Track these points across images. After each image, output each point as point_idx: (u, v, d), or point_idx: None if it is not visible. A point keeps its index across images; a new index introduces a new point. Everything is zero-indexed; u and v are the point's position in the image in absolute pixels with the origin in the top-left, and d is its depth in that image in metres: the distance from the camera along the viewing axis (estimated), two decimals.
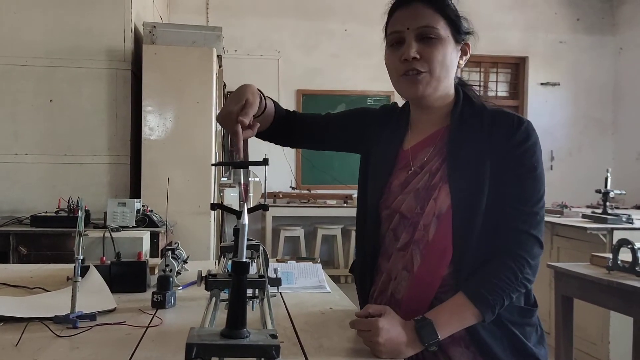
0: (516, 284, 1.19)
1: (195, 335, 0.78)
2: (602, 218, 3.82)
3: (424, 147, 1.35)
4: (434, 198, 1.27)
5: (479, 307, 1.17)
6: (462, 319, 1.18)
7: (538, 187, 1.25)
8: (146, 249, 2.01)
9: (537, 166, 1.26)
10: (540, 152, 1.27)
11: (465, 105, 1.34)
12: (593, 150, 7.25)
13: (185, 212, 3.81)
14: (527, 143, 1.25)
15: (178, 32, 4.03)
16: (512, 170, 1.24)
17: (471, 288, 1.19)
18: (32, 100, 3.89)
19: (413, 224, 1.29)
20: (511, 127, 1.26)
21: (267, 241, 6.20)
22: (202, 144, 3.96)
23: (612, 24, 7.32)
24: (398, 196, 1.33)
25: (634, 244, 2.29)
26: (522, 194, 1.24)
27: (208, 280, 1.08)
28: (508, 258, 1.21)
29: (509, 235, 1.23)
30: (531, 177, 1.25)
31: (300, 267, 1.89)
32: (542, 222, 1.25)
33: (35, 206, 3.65)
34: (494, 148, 1.25)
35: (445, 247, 1.25)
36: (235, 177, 4.26)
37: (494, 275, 1.19)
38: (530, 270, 1.21)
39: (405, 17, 1.28)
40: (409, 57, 1.25)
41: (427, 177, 1.30)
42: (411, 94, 1.31)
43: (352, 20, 6.70)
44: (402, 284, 1.29)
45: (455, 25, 1.29)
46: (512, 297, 1.20)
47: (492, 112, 1.31)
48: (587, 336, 3.70)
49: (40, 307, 1.36)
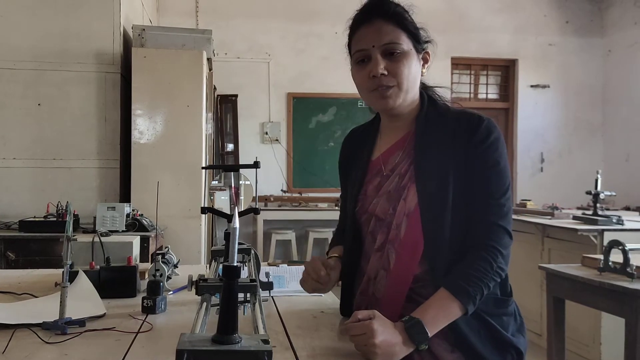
0: (492, 273, 1.24)
1: (186, 341, 0.77)
2: (593, 219, 3.84)
3: (394, 151, 1.42)
4: (404, 198, 1.34)
5: (461, 299, 1.20)
6: (448, 313, 1.21)
7: (503, 180, 1.31)
8: (136, 253, 1.99)
9: (499, 160, 1.31)
10: (503, 146, 1.33)
11: (430, 108, 1.41)
12: (583, 152, 7.29)
13: (176, 216, 3.78)
14: (488, 140, 1.30)
15: (167, 35, 4.01)
16: (477, 167, 1.30)
17: (451, 282, 1.23)
18: (20, 104, 3.85)
19: (387, 225, 1.36)
20: (472, 126, 1.32)
21: (259, 245, 6.19)
22: (192, 147, 3.94)
23: (600, 26, 7.37)
24: (373, 199, 1.40)
25: (624, 245, 2.29)
26: (488, 187, 1.29)
27: (199, 284, 1.07)
28: (481, 249, 1.26)
29: (479, 227, 1.28)
30: (495, 171, 1.30)
31: (291, 270, 1.88)
32: (509, 213, 1.30)
33: (23, 211, 3.62)
34: (457, 147, 1.31)
35: (416, 243, 1.30)
36: (225, 181, 4.24)
37: (470, 267, 1.24)
38: (503, 259, 1.26)
39: (369, 35, 1.35)
40: (377, 74, 1.32)
41: (397, 179, 1.37)
42: (382, 107, 1.39)
43: (342, 22, 6.56)
44: (381, 283, 1.35)
45: (416, 37, 1.36)
46: (490, 287, 1.25)
47: (455, 113, 1.38)
48: (579, 337, 3.71)
49: (28, 313, 1.35)
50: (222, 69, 6.17)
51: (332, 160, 6.79)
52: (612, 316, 2.61)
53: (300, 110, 6.86)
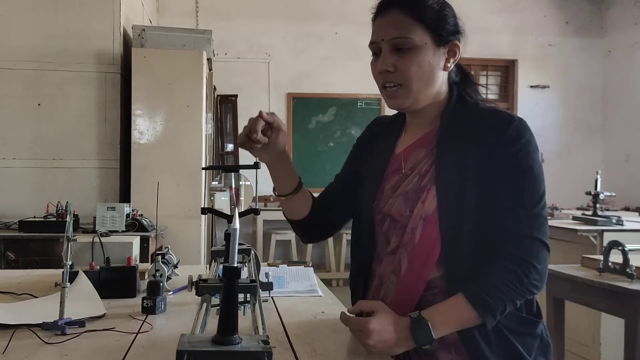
0: (521, 289, 1.15)
1: (186, 341, 0.77)
2: (593, 220, 3.84)
3: (416, 149, 1.33)
4: (422, 200, 1.25)
5: (478, 310, 1.13)
6: (460, 320, 1.15)
7: (537, 187, 1.21)
8: (136, 253, 1.98)
9: (533, 165, 1.20)
10: (535, 150, 1.22)
11: (458, 104, 1.31)
12: (583, 153, 7.29)
13: (176, 216, 3.78)
14: (519, 142, 1.20)
15: (167, 35, 4.01)
16: (506, 172, 1.19)
17: (471, 290, 1.15)
18: (20, 104, 3.85)
19: (402, 227, 1.28)
20: (500, 125, 1.22)
21: (259, 245, 6.18)
22: (192, 147, 3.93)
23: (600, 27, 7.37)
24: (389, 200, 1.31)
25: (624, 245, 2.30)
26: (520, 195, 1.19)
27: (199, 285, 1.07)
28: (512, 262, 1.16)
29: (511, 239, 1.18)
30: (528, 177, 1.20)
31: (291, 271, 1.87)
32: (545, 223, 1.20)
33: (23, 211, 3.61)
34: (481, 148, 1.21)
35: (430, 250, 1.22)
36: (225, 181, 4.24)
37: (496, 279, 1.15)
38: (538, 275, 1.17)
39: (381, 27, 1.27)
40: (382, 70, 1.25)
41: (417, 179, 1.28)
42: (390, 106, 1.31)
43: (342, 23, 6.70)
44: (391, 287, 1.27)
45: (436, 29, 1.25)
46: (517, 303, 1.16)
47: (483, 110, 1.28)
48: (579, 338, 3.71)
49: (28, 313, 1.34)
50: (222, 69, 6.17)
51: (332, 160, 6.79)
52: (611, 317, 2.61)
53: (300, 110, 6.86)
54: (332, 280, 6.18)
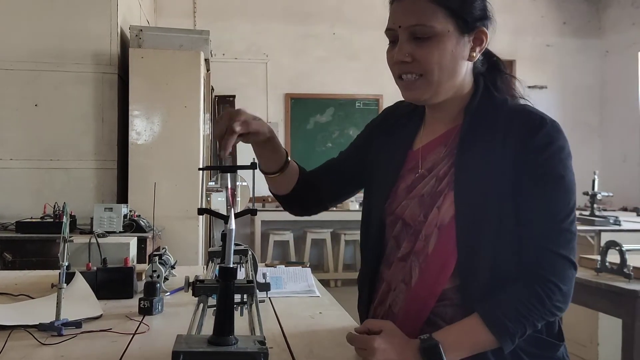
0: (542, 311, 1.05)
1: (182, 342, 0.77)
2: (590, 220, 3.85)
3: (435, 147, 1.20)
4: (438, 206, 1.14)
5: (496, 334, 1.02)
6: (474, 343, 1.04)
7: (567, 199, 1.09)
8: (133, 254, 1.98)
9: (564, 174, 1.09)
10: (568, 157, 1.11)
11: (484, 99, 1.18)
12: (580, 153, 7.25)
13: (173, 217, 3.78)
14: (551, 147, 1.09)
15: (165, 36, 4.01)
16: (535, 180, 1.08)
17: (488, 311, 1.04)
18: (17, 104, 3.84)
19: (415, 233, 1.17)
20: (531, 127, 1.10)
21: (256, 246, 6.18)
22: (189, 148, 3.93)
23: (598, 27, 7.39)
24: (402, 201, 1.20)
25: (621, 245, 2.30)
26: (549, 207, 1.08)
27: (195, 286, 1.07)
28: (534, 281, 1.06)
29: (535, 255, 1.07)
30: (558, 187, 1.09)
31: (289, 271, 1.87)
32: (573, 240, 1.10)
33: (20, 212, 3.60)
34: (509, 152, 1.10)
35: (445, 262, 1.12)
36: (222, 182, 4.23)
37: (517, 299, 1.05)
38: (562, 296, 1.06)
39: (398, 13, 1.13)
40: (398, 61, 1.13)
41: (434, 181, 1.17)
42: (407, 99, 1.19)
43: (340, 23, 6.70)
44: (400, 297, 1.18)
45: (461, 13, 1.13)
46: (537, 326, 1.06)
47: (512, 108, 1.16)
48: (576, 338, 3.71)
49: (24, 314, 1.34)
50: (219, 70, 6.17)
51: None
52: (609, 317, 2.62)
53: (298, 111, 6.85)
54: (330, 281, 6.17)
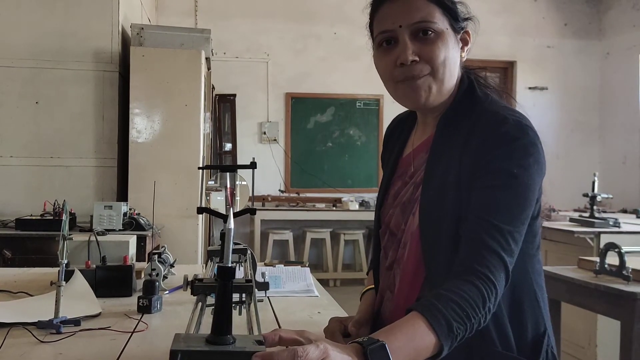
0: (481, 313, 0.92)
1: (180, 341, 0.77)
2: (590, 222, 3.84)
3: (419, 153, 1.18)
4: (413, 213, 1.11)
5: (439, 334, 0.88)
6: (418, 348, 0.87)
7: (517, 200, 1.00)
8: (132, 252, 1.98)
9: (518, 175, 0.99)
10: (527, 157, 1.01)
11: (464, 101, 1.13)
12: (580, 154, 7.30)
13: (173, 216, 3.78)
14: (509, 145, 1.00)
15: (166, 34, 4.01)
16: (484, 176, 1.01)
17: (431, 309, 0.90)
18: (18, 102, 3.85)
19: (397, 242, 1.15)
20: (491, 126, 1.03)
21: (256, 245, 6.18)
22: (190, 147, 3.93)
23: (598, 29, 7.38)
24: (390, 209, 1.19)
25: (621, 247, 2.30)
26: (492, 204, 0.99)
27: (194, 284, 1.07)
28: (473, 276, 0.94)
29: (474, 249, 0.97)
30: (508, 185, 1.00)
31: (288, 271, 1.87)
32: (515, 247, 0.98)
33: (20, 209, 3.61)
34: (467, 152, 1.04)
35: (417, 270, 1.08)
36: (222, 181, 4.23)
37: (458, 295, 0.92)
38: (495, 300, 0.95)
39: (395, 13, 1.08)
40: (407, 61, 1.06)
41: (412, 189, 1.14)
42: (413, 103, 1.12)
43: (340, 23, 6.70)
44: (388, 306, 1.16)
45: (454, 13, 1.10)
46: (473, 331, 0.92)
47: (483, 109, 1.09)
48: (575, 340, 3.71)
49: (23, 312, 1.34)
50: (220, 69, 6.17)
51: (331, 160, 6.80)
52: (608, 318, 2.62)
53: (299, 110, 6.85)
54: (329, 281, 6.18)
